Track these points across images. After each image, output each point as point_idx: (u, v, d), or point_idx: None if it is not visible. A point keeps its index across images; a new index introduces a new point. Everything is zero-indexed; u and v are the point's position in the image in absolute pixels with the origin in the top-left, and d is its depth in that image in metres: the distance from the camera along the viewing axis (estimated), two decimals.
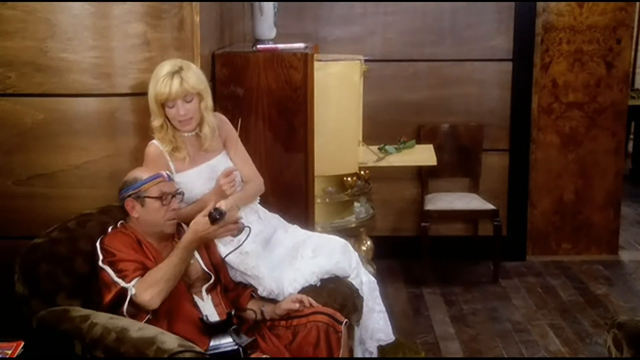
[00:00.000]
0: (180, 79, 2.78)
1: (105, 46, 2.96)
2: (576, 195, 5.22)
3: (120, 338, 2.33)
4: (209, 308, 2.67)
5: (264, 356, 2.62)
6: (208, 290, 2.72)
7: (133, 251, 2.59)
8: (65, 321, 2.46)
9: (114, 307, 2.52)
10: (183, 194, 2.75)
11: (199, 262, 2.74)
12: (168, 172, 2.71)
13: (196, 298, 2.68)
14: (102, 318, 2.43)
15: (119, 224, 2.70)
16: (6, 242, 3.00)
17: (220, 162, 3.01)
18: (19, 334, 2.47)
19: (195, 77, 2.84)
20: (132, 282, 2.51)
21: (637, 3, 5.70)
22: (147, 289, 2.49)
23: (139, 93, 3.01)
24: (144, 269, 2.55)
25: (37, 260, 2.61)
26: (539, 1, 4.93)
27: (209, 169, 2.97)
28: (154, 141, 2.90)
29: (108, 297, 2.53)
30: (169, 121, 2.87)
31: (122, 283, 2.51)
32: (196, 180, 2.93)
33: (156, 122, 2.85)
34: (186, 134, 2.92)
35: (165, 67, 2.82)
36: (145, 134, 3.02)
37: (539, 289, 4.78)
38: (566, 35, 4.98)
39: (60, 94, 2.98)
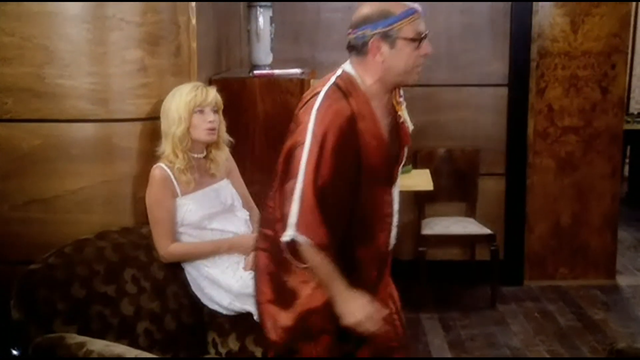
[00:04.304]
0: (214, 91, 2.98)
1: (102, 72, 2.97)
2: (573, 219, 5.22)
3: None
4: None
5: None
6: None
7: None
8: (61, 348, 2.44)
9: None
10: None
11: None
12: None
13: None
14: (98, 345, 2.42)
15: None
16: (2, 268, 2.98)
17: (224, 188, 3.08)
18: None
19: None
20: None
21: (631, 30, 5.73)
22: None
23: (136, 119, 3.03)
24: None
25: (33, 286, 2.60)
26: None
27: (214, 192, 3.02)
28: (160, 164, 2.92)
29: None
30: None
31: None
32: (201, 203, 2.95)
33: (180, 129, 2.89)
34: (196, 155, 2.97)
35: (189, 84, 2.97)
36: (142, 159, 3.03)
37: (536, 314, 4.77)
38: (561, 60, 5.02)
39: (57, 119, 2.98)
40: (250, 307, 2.86)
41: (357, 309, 2.33)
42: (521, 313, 4.77)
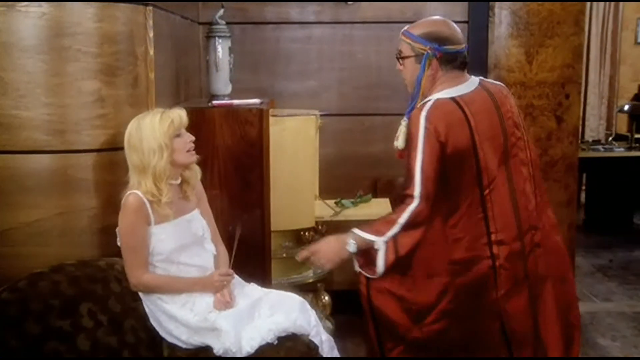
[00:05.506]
0: (183, 111, 2.94)
1: (58, 103, 2.93)
2: None
3: None
4: None
5: None
6: None
7: None
8: None
9: None
10: None
11: None
12: None
13: None
14: None
15: None
16: None
17: (196, 219, 3.04)
18: None
19: None
20: None
21: (584, 61, 5.86)
22: None
23: (93, 150, 2.99)
24: None
25: None
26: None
27: (185, 223, 2.98)
28: (134, 191, 2.83)
29: None
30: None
31: None
32: (173, 233, 2.91)
33: (163, 159, 2.82)
34: (173, 182, 2.92)
35: (153, 112, 2.88)
36: (99, 191, 2.99)
37: None
38: (517, 90, 5.09)
39: (12, 150, 2.93)
40: (209, 340, 2.82)
41: None
42: None
